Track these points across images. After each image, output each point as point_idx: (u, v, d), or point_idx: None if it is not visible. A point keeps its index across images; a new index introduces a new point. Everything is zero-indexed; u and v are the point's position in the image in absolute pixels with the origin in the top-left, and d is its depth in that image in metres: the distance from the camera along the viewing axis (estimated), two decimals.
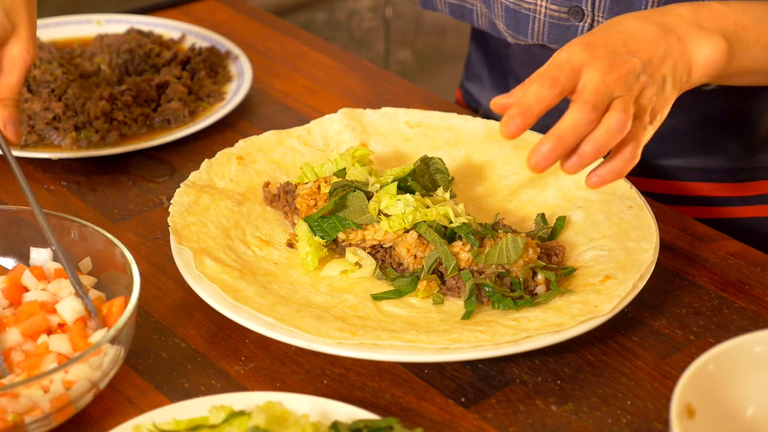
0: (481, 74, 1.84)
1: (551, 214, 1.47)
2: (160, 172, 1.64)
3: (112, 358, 1.17)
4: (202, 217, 1.42)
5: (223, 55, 1.89)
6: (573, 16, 1.55)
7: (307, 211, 1.42)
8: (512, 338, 1.23)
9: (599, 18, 1.54)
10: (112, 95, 1.72)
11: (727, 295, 1.38)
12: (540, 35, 1.58)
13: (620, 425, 1.20)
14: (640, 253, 1.35)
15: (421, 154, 1.57)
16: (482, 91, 1.85)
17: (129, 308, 1.18)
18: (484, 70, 1.83)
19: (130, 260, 1.25)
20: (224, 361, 1.28)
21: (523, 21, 1.59)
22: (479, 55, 1.84)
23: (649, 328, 1.33)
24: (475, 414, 1.22)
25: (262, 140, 1.56)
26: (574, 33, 1.56)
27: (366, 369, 1.27)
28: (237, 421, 1.10)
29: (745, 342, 1.13)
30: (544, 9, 1.56)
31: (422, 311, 1.32)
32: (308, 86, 1.85)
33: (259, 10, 2.12)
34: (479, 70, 1.84)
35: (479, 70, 1.84)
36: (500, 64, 1.78)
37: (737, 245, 1.47)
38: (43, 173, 1.63)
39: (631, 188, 1.46)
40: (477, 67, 1.85)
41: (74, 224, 1.32)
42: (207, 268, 1.33)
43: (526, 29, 1.59)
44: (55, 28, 1.96)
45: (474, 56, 1.86)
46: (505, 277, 1.32)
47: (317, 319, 1.26)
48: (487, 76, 1.83)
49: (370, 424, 1.12)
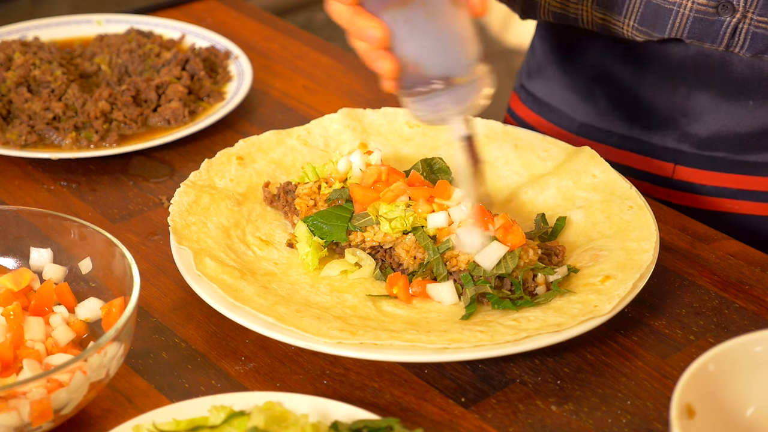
0: (547, 71, 1.79)
1: (551, 214, 1.47)
2: (160, 172, 1.64)
3: (111, 358, 1.17)
4: (202, 217, 1.42)
5: (222, 55, 1.89)
6: (722, 11, 1.52)
7: (306, 211, 1.42)
8: (512, 338, 1.23)
9: (750, 14, 1.51)
10: (112, 95, 1.72)
11: (727, 295, 1.38)
12: (680, 30, 1.56)
13: (620, 425, 1.20)
14: (640, 253, 1.35)
15: (421, 154, 1.58)
16: (549, 88, 1.79)
17: (129, 308, 1.18)
18: (552, 67, 1.78)
19: (130, 260, 1.25)
20: (224, 361, 1.28)
21: (664, 16, 1.55)
22: (546, 53, 1.79)
23: (649, 328, 1.33)
24: (475, 414, 1.22)
25: (262, 140, 1.56)
26: (718, 28, 1.53)
27: (366, 369, 1.27)
28: (237, 421, 1.10)
29: (745, 342, 1.13)
30: (691, 3, 1.54)
31: (422, 311, 1.32)
32: (308, 86, 1.85)
33: (259, 10, 2.11)
34: (546, 68, 1.79)
35: (546, 68, 1.79)
36: (574, 59, 1.74)
37: (737, 245, 1.47)
38: (43, 173, 1.63)
39: (631, 188, 1.46)
40: (544, 65, 1.80)
41: (74, 224, 1.32)
42: (207, 268, 1.33)
43: (665, 25, 1.56)
44: (55, 28, 1.96)
45: (540, 56, 1.80)
46: (505, 278, 1.32)
47: (317, 319, 1.26)
48: (555, 72, 1.78)
49: (370, 424, 1.12)
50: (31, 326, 1.25)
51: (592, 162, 1.51)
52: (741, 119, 1.62)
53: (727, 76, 1.60)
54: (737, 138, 1.63)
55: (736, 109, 1.62)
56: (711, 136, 1.64)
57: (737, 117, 1.62)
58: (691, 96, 1.63)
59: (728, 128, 1.63)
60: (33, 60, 1.77)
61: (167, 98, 1.75)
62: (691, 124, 1.64)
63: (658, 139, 1.68)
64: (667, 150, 1.67)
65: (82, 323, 1.28)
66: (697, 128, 1.64)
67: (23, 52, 1.80)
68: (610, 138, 1.72)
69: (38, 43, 1.85)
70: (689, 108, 1.64)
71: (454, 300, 1.33)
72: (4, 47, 1.82)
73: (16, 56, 1.78)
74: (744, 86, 1.60)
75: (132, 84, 1.75)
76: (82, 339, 1.28)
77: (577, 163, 1.51)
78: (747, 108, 1.61)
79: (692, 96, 1.63)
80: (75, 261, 1.32)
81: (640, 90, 1.67)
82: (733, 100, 1.61)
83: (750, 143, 1.63)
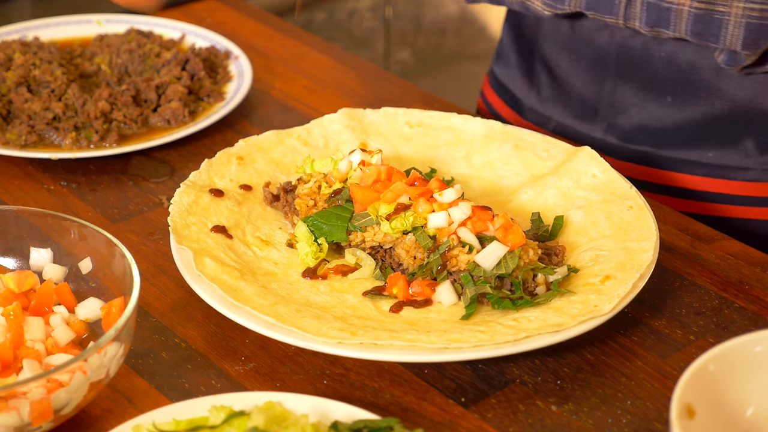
0: (509, 56, 1.86)
1: (551, 214, 1.47)
2: (160, 172, 1.64)
3: (111, 358, 1.17)
4: (202, 217, 1.42)
5: (222, 55, 1.89)
6: None
7: (306, 211, 1.42)
8: (512, 338, 1.23)
9: None
10: (112, 95, 1.72)
11: (727, 295, 1.38)
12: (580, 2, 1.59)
13: (620, 425, 1.20)
14: (640, 253, 1.35)
15: (421, 154, 1.58)
16: (508, 72, 1.87)
17: (129, 308, 1.18)
18: (512, 52, 1.85)
19: (130, 260, 1.25)
20: (224, 361, 1.28)
21: None
22: (510, 38, 1.86)
23: (649, 328, 1.33)
24: (475, 414, 1.22)
25: (262, 140, 1.56)
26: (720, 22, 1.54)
27: (366, 369, 1.27)
28: (237, 421, 1.10)
29: (745, 342, 1.13)
30: None
31: (422, 311, 1.32)
32: (308, 86, 1.85)
33: (259, 10, 2.12)
34: (508, 52, 1.86)
35: (508, 52, 1.86)
36: (528, 45, 1.80)
37: (737, 245, 1.47)
38: (43, 173, 1.63)
39: (631, 188, 1.46)
40: (506, 49, 1.87)
41: (74, 224, 1.32)
42: (207, 268, 1.33)
43: None
44: (55, 28, 1.96)
45: (505, 40, 1.88)
46: (505, 278, 1.32)
47: (317, 319, 1.26)
48: (514, 57, 1.85)
49: (370, 424, 1.12)
50: (31, 326, 1.25)
51: (592, 162, 1.51)
52: (660, 114, 1.68)
53: (647, 71, 1.65)
54: (656, 132, 1.69)
55: (656, 105, 1.67)
56: (633, 129, 1.70)
57: (657, 112, 1.68)
58: (617, 89, 1.69)
59: (649, 122, 1.69)
60: (33, 60, 1.77)
61: (167, 98, 1.75)
62: (616, 117, 1.71)
63: (587, 129, 1.74)
64: (595, 140, 1.73)
65: (82, 323, 1.29)
66: (621, 121, 1.71)
67: (23, 52, 1.80)
68: (548, 124, 1.79)
69: (38, 43, 1.85)
70: (615, 100, 1.70)
71: (453, 300, 1.33)
72: (4, 47, 1.82)
73: (16, 56, 1.78)
74: (662, 82, 1.65)
75: (132, 84, 1.75)
76: (82, 339, 1.28)
77: (577, 163, 1.51)
78: (666, 104, 1.67)
79: (618, 89, 1.69)
80: (75, 261, 1.32)
81: (573, 79, 1.74)
82: (653, 95, 1.67)
83: (668, 138, 1.69)
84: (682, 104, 1.66)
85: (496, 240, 1.33)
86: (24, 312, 1.27)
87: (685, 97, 1.65)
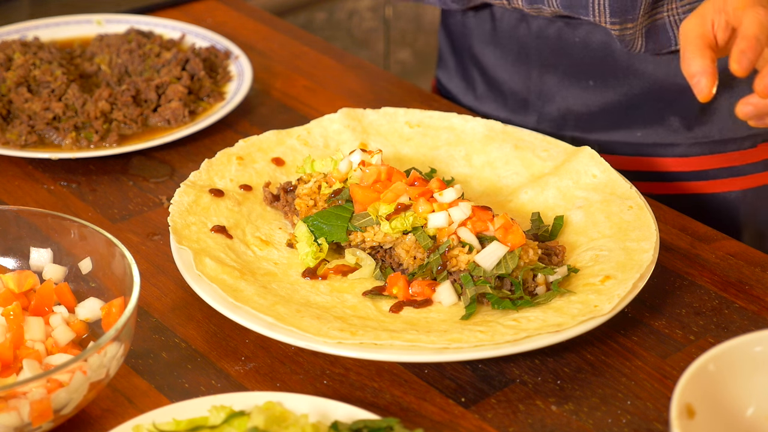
0: (447, 59, 1.90)
1: (551, 214, 1.47)
2: (160, 172, 1.64)
3: (111, 358, 1.17)
4: (202, 217, 1.42)
5: (222, 55, 1.89)
6: None
7: (306, 211, 1.42)
8: (512, 338, 1.23)
9: None
10: (112, 95, 1.72)
11: (727, 295, 1.38)
12: None
13: (620, 425, 1.20)
14: (640, 253, 1.35)
15: (421, 154, 1.58)
16: (447, 75, 1.90)
17: (129, 308, 1.18)
18: (449, 55, 1.89)
19: (130, 260, 1.25)
20: (224, 361, 1.28)
21: None
22: (445, 41, 1.90)
23: (649, 328, 1.33)
24: (475, 414, 1.22)
25: (262, 140, 1.56)
26: None
27: (366, 369, 1.27)
28: (237, 421, 1.10)
29: (745, 342, 1.13)
30: None
31: (422, 311, 1.32)
32: (308, 86, 1.85)
33: (259, 10, 2.12)
34: (446, 56, 1.90)
35: (446, 56, 1.90)
36: (460, 46, 1.85)
37: (737, 245, 1.47)
38: (43, 173, 1.63)
39: (631, 188, 1.46)
40: (444, 53, 1.91)
41: (74, 224, 1.32)
42: (207, 268, 1.33)
43: None
44: (55, 28, 1.96)
45: (442, 43, 1.91)
46: (505, 278, 1.32)
47: (317, 319, 1.26)
48: (451, 60, 1.89)
49: (370, 424, 1.12)
50: (31, 326, 1.25)
51: (592, 162, 1.51)
52: (584, 99, 1.72)
53: (566, 58, 1.70)
54: (584, 117, 1.73)
55: (579, 90, 1.72)
56: (562, 116, 1.75)
57: (581, 97, 1.72)
58: (542, 78, 1.73)
59: (575, 108, 1.73)
60: (33, 60, 1.77)
61: (167, 98, 1.75)
62: (545, 105, 1.75)
63: (521, 121, 1.78)
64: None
65: (82, 323, 1.29)
66: (550, 109, 1.75)
67: (23, 52, 1.80)
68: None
69: (38, 43, 1.85)
70: (541, 90, 1.74)
71: (453, 300, 1.33)
72: (4, 47, 1.82)
73: (16, 56, 1.78)
74: (581, 67, 1.70)
75: (132, 84, 1.75)
76: (82, 339, 1.28)
77: (577, 163, 1.51)
78: (588, 88, 1.71)
79: (542, 78, 1.73)
80: (75, 261, 1.32)
81: (502, 73, 1.78)
82: (575, 80, 1.71)
83: (595, 122, 1.73)
84: (604, 87, 1.71)
85: (496, 240, 1.33)
86: (24, 312, 1.27)
87: (605, 79, 1.70)
